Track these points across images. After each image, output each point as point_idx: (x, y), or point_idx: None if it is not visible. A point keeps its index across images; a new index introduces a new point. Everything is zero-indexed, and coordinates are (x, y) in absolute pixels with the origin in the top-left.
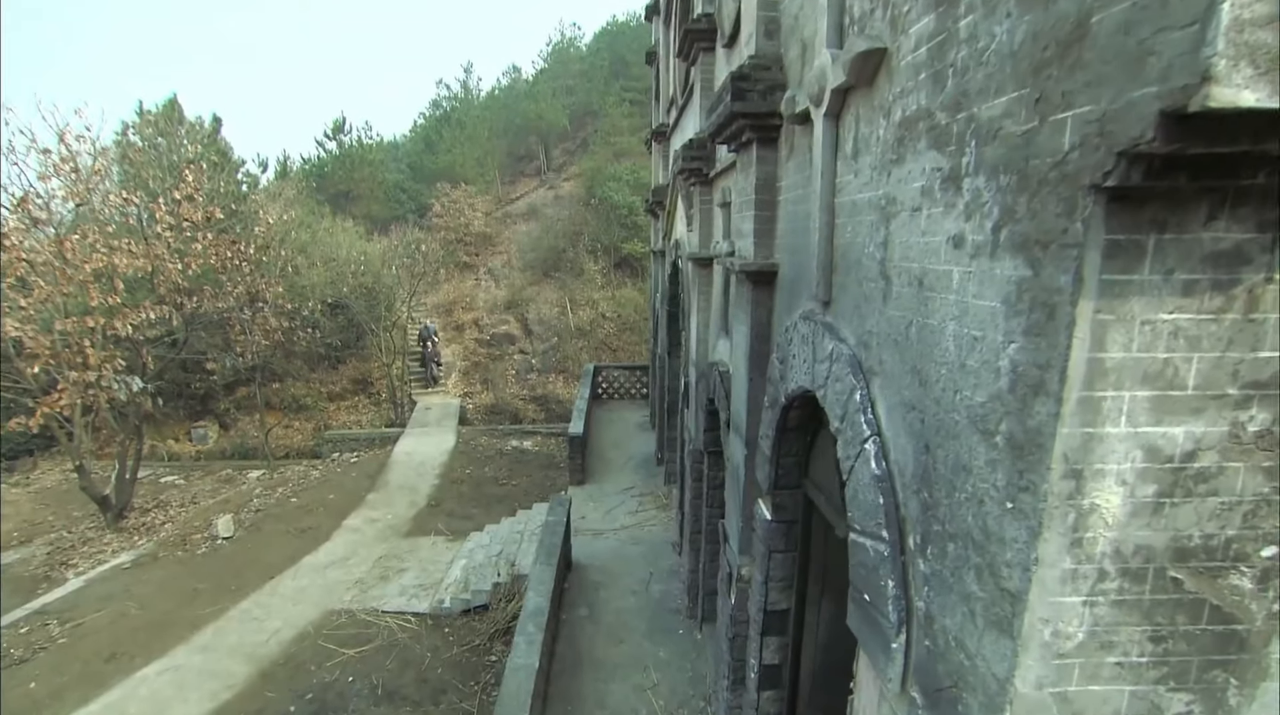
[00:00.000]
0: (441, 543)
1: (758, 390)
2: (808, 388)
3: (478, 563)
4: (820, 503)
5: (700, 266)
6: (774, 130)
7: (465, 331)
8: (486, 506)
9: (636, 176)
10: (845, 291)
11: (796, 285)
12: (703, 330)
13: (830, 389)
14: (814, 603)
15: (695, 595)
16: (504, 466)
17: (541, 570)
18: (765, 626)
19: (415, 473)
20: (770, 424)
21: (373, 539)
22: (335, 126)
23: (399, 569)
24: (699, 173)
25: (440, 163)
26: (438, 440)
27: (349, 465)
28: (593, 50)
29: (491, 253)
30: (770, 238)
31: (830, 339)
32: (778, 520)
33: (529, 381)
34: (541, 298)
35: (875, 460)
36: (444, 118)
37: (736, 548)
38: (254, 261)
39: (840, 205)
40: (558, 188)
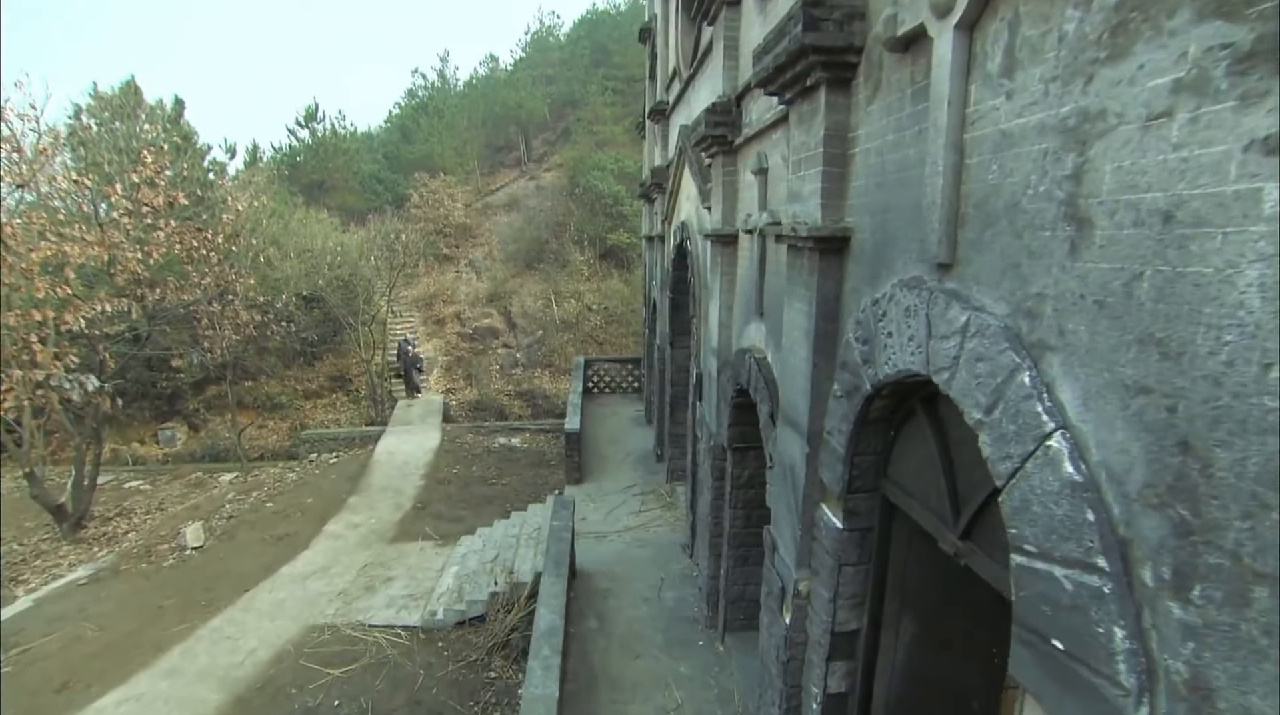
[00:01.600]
0: (430, 548)
1: (822, 378)
2: (916, 371)
3: (471, 569)
4: (910, 508)
5: (723, 245)
6: (848, 69)
7: (446, 326)
8: (476, 508)
9: (621, 165)
10: (985, 249)
11: (885, 250)
12: (725, 315)
13: (963, 371)
14: (891, 623)
15: (716, 603)
16: (492, 465)
17: (551, 582)
18: (832, 650)
19: (399, 473)
20: (844, 416)
21: (356, 545)
22: (308, 114)
23: (385, 578)
24: (722, 140)
25: (417, 152)
26: (421, 438)
27: (328, 466)
28: (572, 39)
29: (472, 245)
30: (840, 199)
31: (959, 309)
32: (850, 528)
33: (514, 376)
34: (525, 290)
35: (1070, 461)
36: (421, 107)
37: (792, 560)
38: (223, 251)
39: (975, 141)
40: (539, 178)
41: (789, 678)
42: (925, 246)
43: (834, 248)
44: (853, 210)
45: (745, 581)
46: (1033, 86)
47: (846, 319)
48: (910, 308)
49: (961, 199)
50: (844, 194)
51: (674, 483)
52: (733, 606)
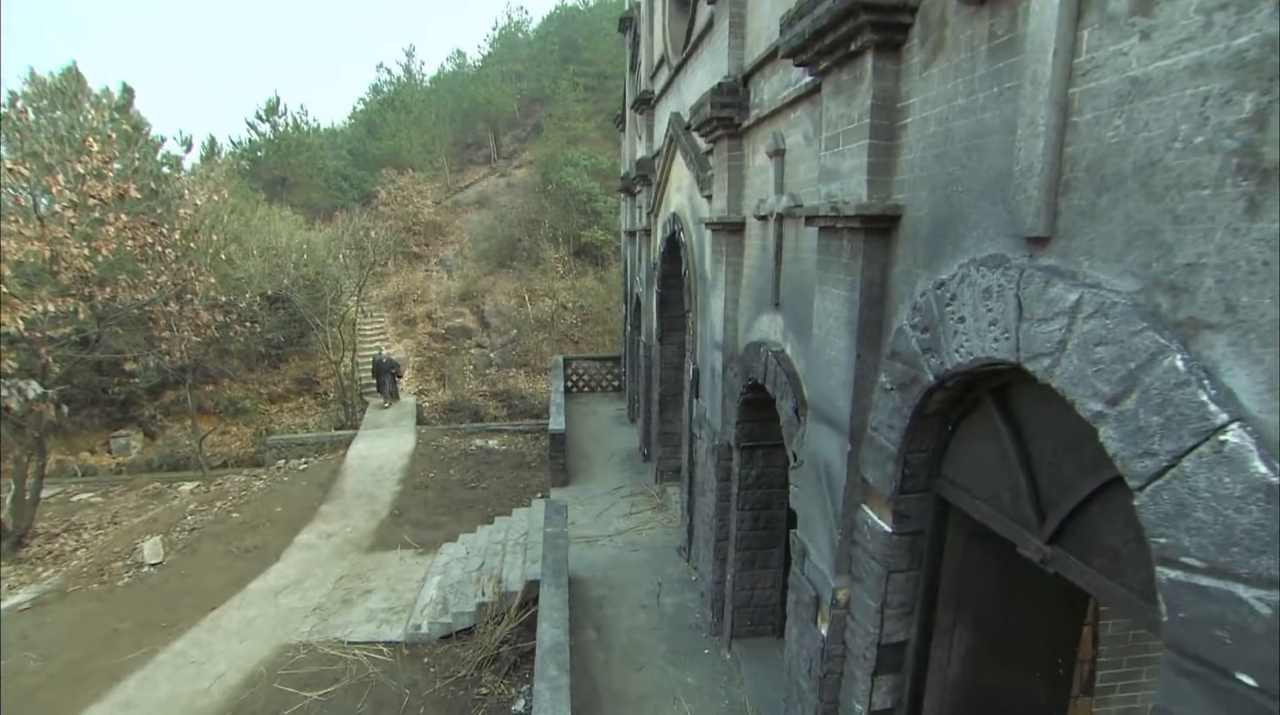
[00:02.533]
0: (410, 557)
1: (867, 370)
2: (1000, 359)
3: (455, 579)
4: (974, 510)
5: (728, 233)
6: (900, 31)
7: (417, 325)
8: (456, 513)
9: (594, 162)
10: (1099, 217)
11: (950, 228)
12: (731, 308)
13: (1073, 357)
14: (944, 634)
15: (721, 609)
16: (471, 468)
17: (552, 594)
18: (878, 664)
19: (373, 479)
20: (896, 411)
21: (330, 556)
22: (268, 107)
23: (364, 590)
24: (728, 123)
25: (384, 148)
26: (395, 442)
27: (297, 473)
28: (541, 35)
29: (442, 243)
30: (888, 174)
31: (1066, 287)
32: (901, 532)
33: (488, 377)
34: (498, 288)
35: (1262, 460)
36: (387, 102)
37: (829, 566)
38: (180, 248)
39: (1087, 94)
40: (509, 175)
41: (825, 693)
42: (1013, 219)
43: (881, 228)
44: (903, 186)
45: (753, 586)
46: (1184, 20)
47: (896, 305)
48: (991, 289)
49: (1064, 163)
50: (893, 169)
51: (664, 483)
52: (739, 612)
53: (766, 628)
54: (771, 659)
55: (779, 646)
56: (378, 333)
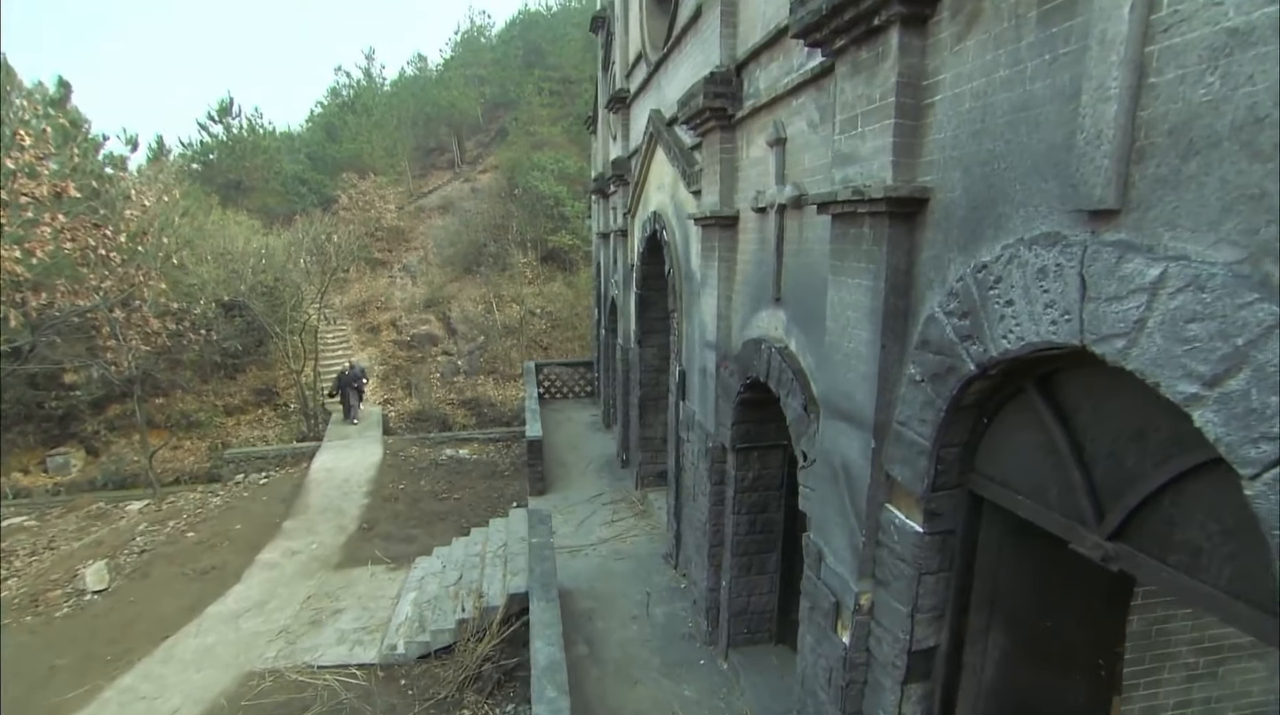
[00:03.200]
0: (382, 573)
1: (891, 362)
2: (1059, 342)
3: (432, 595)
4: (1016, 506)
5: (721, 228)
6: (928, 4)
7: (381, 333)
8: (428, 525)
9: (561, 166)
10: (1186, 184)
11: (990, 208)
12: (724, 305)
13: (1157, 337)
14: (978, 638)
15: (715, 618)
16: (441, 478)
17: (543, 609)
18: (909, 671)
19: (339, 492)
20: (928, 403)
21: (296, 575)
22: (221, 108)
23: (334, 610)
24: (721, 114)
25: (344, 151)
26: (361, 453)
27: (257, 488)
28: (504, 39)
29: (406, 248)
30: (914, 156)
31: (1145, 261)
32: (932, 532)
33: (456, 384)
34: (464, 295)
35: None
36: (347, 105)
37: (849, 570)
38: (127, 251)
39: (1170, 52)
40: (474, 180)
41: (847, 704)
42: (1074, 193)
43: (907, 212)
44: (931, 168)
45: (749, 593)
46: None
47: (924, 293)
48: (1047, 268)
49: (1138, 129)
50: (919, 150)
51: (646, 489)
52: (736, 620)
53: (764, 635)
54: (770, 667)
55: (777, 654)
56: (340, 341)
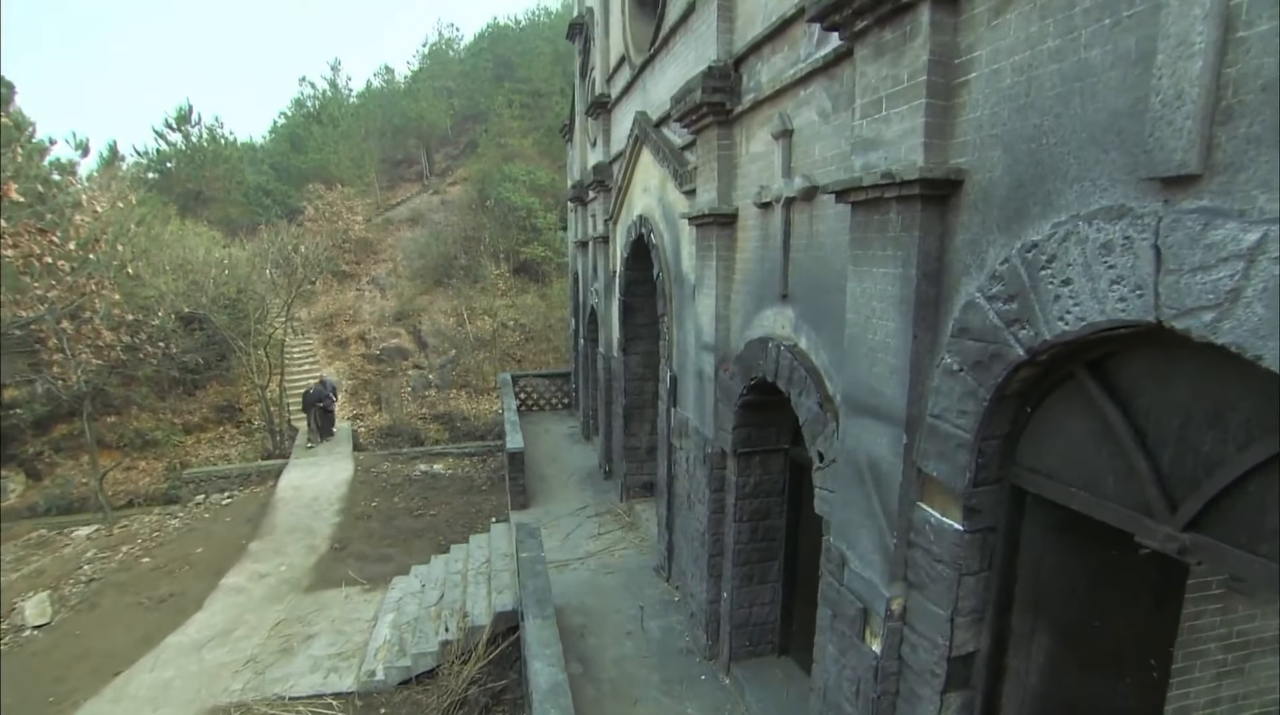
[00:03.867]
0: (357, 595)
1: (923, 352)
2: (1130, 320)
3: (411, 616)
4: (1070, 499)
5: (719, 226)
6: None
7: (350, 347)
8: (404, 543)
9: (533, 177)
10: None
11: (1037, 185)
12: (723, 305)
13: (1256, 306)
14: (1021, 640)
15: (715, 631)
16: (416, 495)
17: (540, 627)
18: (949, 679)
19: (309, 511)
20: (969, 394)
21: (264, 600)
22: (179, 116)
23: (305, 635)
24: (719, 109)
25: (310, 162)
26: (331, 470)
27: (220, 509)
28: (473, 52)
29: (374, 261)
30: (946, 137)
31: (1238, 226)
32: (972, 529)
33: (427, 398)
34: (435, 307)
35: None
36: (312, 115)
37: (878, 574)
38: (77, 259)
39: (1262, 1)
40: (443, 192)
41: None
42: (1146, 160)
43: (940, 195)
44: (966, 149)
45: (751, 603)
46: None
47: (959, 279)
48: (1113, 243)
49: (1224, 87)
50: (951, 131)
51: (631, 501)
52: (737, 633)
53: (766, 647)
54: (775, 680)
55: (781, 666)
56: (307, 355)
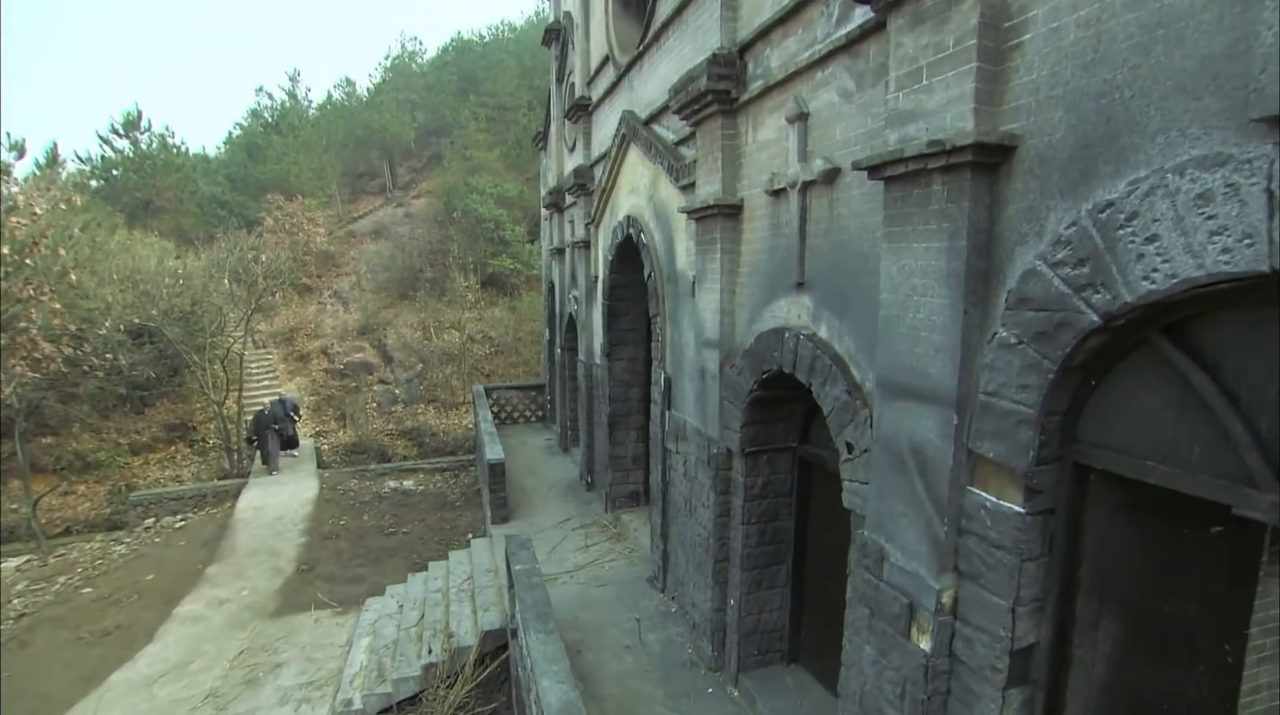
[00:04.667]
0: (328, 618)
1: (972, 328)
2: (1237, 272)
3: (390, 639)
4: (1148, 474)
5: (723, 218)
6: None
7: (311, 361)
8: (376, 563)
9: (500, 190)
10: None
11: (1112, 141)
12: (728, 299)
13: None
14: (1086, 629)
15: (721, 641)
16: (387, 512)
17: (544, 642)
18: (1011, 674)
19: (272, 531)
20: (1032, 367)
21: (225, 627)
22: (127, 121)
23: (273, 664)
24: (725, 97)
25: (269, 172)
26: (295, 488)
27: (173, 532)
28: (437, 65)
29: (336, 274)
30: (996, 103)
31: None
32: (1034, 511)
33: (394, 414)
34: (401, 321)
35: None
36: (271, 126)
37: (926, 566)
38: (11, 263)
39: None
40: (407, 205)
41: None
42: (1260, 97)
43: (991, 162)
44: (1019, 113)
45: (759, 610)
46: None
47: (1011, 249)
48: (1212, 192)
49: None
50: (1001, 97)
51: (618, 511)
52: (745, 641)
53: (775, 655)
54: (786, 689)
55: (792, 675)
56: (266, 370)
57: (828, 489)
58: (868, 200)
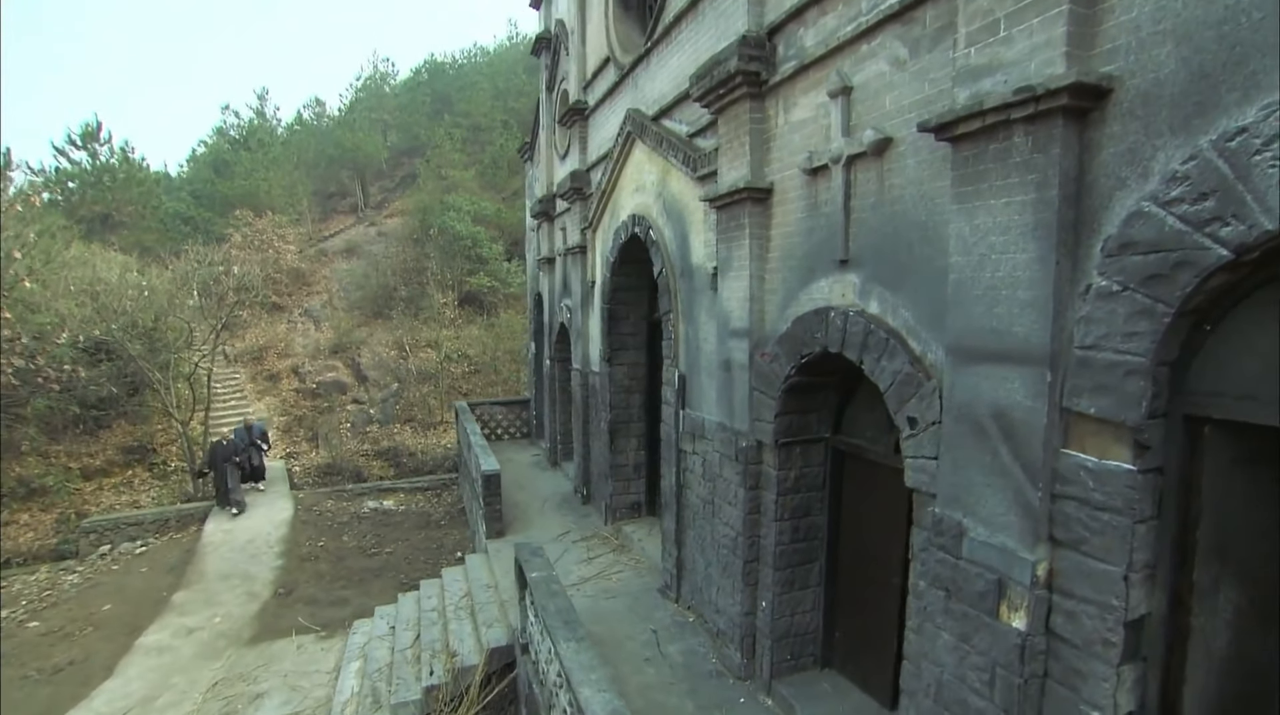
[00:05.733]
0: (311, 643)
1: (1064, 280)
2: None
3: (383, 663)
4: (1271, 416)
5: (752, 203)
6: None
7: (281, 381)
8: (360, 584)
9: (477, 208)
10: None
11: (1235, 70)
12: (756, 286)
13: None
14: (1203, 598)
15: (750, 647)
16: (368, 532)
17: (577, 650)
18: (1126, 649)
19: (244, 555)
20: (1146, 312)
21: (195, 658)
22: (85, 133)
23: (253, 695)
24: (754, 80)
25: (237, 188)
26: (268, 510)
27: (132, 558)
28: (410, 86)
29: (307, 293)
30: (1088, 46)
31: None
32: (1145, 469)
33: (369, 434)
34: (375, 340)
35: None
36: (239, 142)
37: (1019, 537)
38: None
39: None
40: (380, 224)
41: (1026, 707)
42: None
43: (1083, 108)
44: (1115, 54)
45: (793, 611)
46: None
47: (1110, 194)
48: None
49: None
50: (1093, 40)
51: (619, 522)
52: (779, 646)
53: (808, 660)
54: (824, 695)
55: (828, 680)
56: (233, 390)
57: (864, 481)
58: (927, 167)
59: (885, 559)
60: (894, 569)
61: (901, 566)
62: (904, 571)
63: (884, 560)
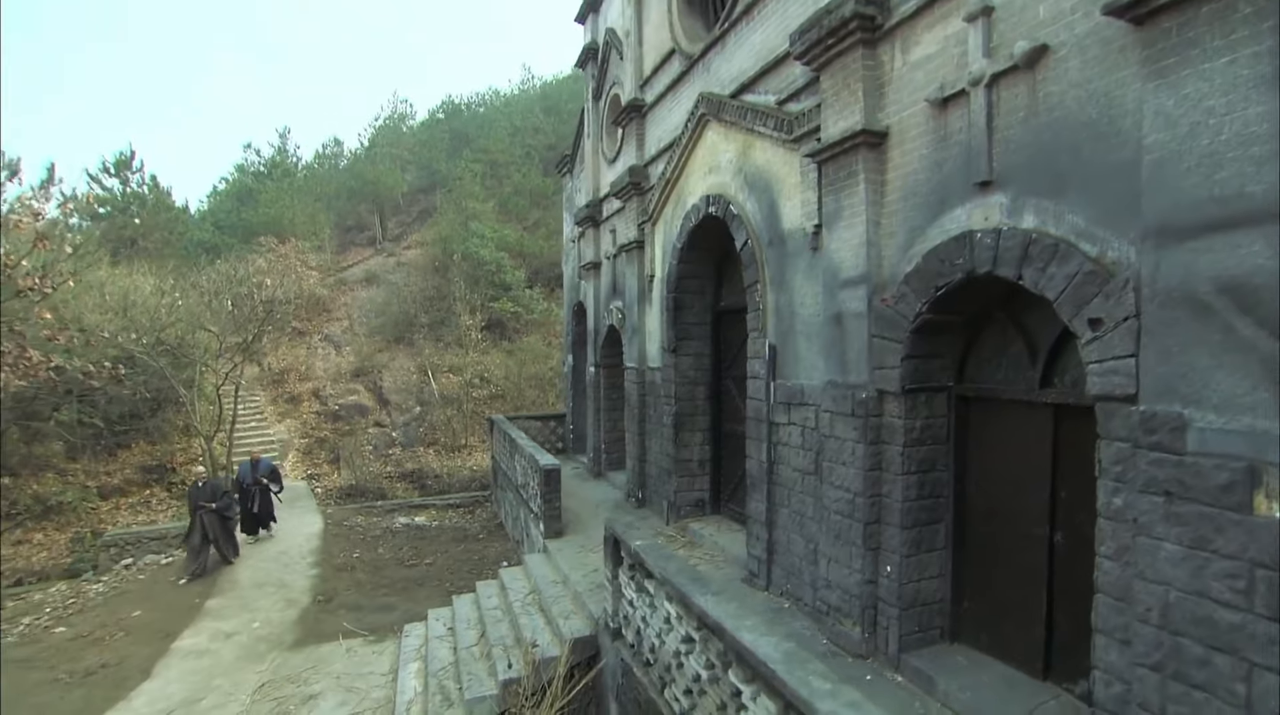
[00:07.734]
0: (362, 646)
1: None
2: None
3: (445, 661)
4: None
5: (867, 148)
6: None
7: (302, 404)
8: (405, 592)
9: (500, 235)
10: None
11: None
12: (873, 232)
13: None
14: None
15: (871, 619)
16: (404, 545)
17: (717, 604)
18: None
19: (277, 564)
20: None
21: (237, 660)
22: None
23: (305, 696)
24: (869, 24)
25: (261, 217)
26: (297, 523)
27: (158, 569)
28: (428, 125)
29: (327, 319)
30: None
31: None
32: None
33: (392, 456)
34: (396, 365)
35: None
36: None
37: (1268, 416)
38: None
39: None
40: (399, 255)
41: None
42: None
43: None
44: None
45: (920, 576)
46: None
47: None
48: None
49: None
50: None
51: (683, 521)
52: (906, 617)
53: (935, 633)
54: (960, 669)
55: (963, 654)
56: (253, 411)
57: (995, 428)
58: (1097, 63)
59: (1021, 511)
60: (1035, 519)
61: (1047, 515)
62: (1050, 520)
63: (1020, 513)
